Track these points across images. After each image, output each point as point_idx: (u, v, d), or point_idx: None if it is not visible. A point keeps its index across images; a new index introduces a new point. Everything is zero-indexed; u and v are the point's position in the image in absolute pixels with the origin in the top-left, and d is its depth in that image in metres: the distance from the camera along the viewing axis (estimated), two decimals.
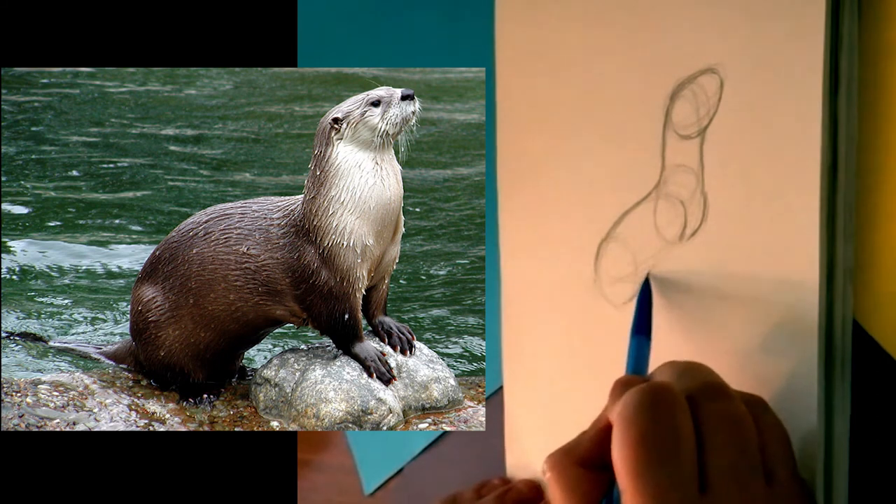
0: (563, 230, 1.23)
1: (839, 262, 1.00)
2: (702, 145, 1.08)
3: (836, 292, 1.00)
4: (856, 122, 0.99)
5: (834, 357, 1.01)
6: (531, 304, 1.28)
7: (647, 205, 1.14)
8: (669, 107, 1.11)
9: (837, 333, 1.00)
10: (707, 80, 1.07)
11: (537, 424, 1.29)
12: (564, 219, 1.23)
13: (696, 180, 1.09)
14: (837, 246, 1.00)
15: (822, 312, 1.00)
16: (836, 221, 0.99)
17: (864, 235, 1.00)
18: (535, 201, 1.26)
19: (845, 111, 0.99)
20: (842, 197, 0.99)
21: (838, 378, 1.01)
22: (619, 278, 1.17)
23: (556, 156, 1.23)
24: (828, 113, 0.98)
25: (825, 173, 0.99)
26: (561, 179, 1.23)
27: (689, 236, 1.10)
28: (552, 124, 1.23)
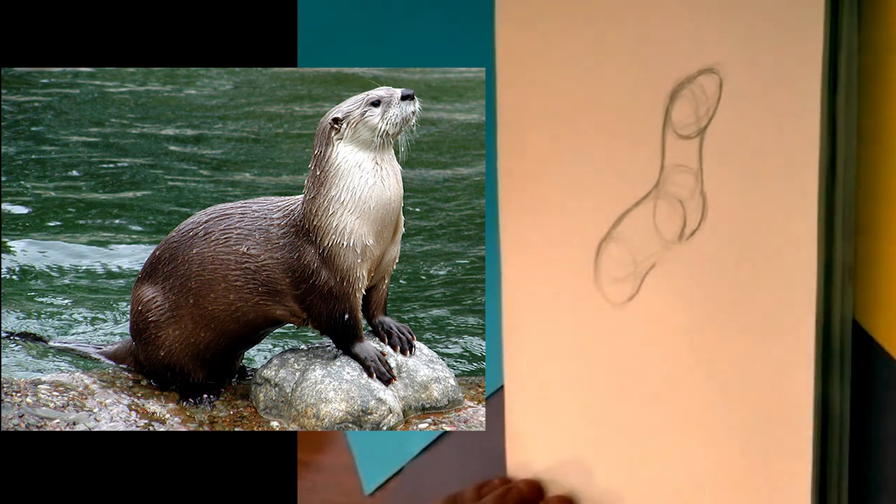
0: (563, 230, 1.23)
1: (838, 261, 1.00)
2: (701, 145, 1.08)
3: (835, 291, 1.00)
4: (855, 122, 0.99)
5: (832, 356, 1.01)
6: (531, 304, 1.28)
7: (646, 204, 1.14)
8: (669, 106, 1.11)
9: (836, 333, 1.00)
10: (707, 80, 1.07)
11: (537, 424, 1.29)
12: (564, 219, 1.23)
13: (695, 180, 1.09)
14: (836, 245, 1.00)
15: (819, 311, 1.00)
16: (835, 221, 1.00)
17: (864, 235, 1.00)
18: (535, 201, 1.26)
19: (844, 111, 0.99)
20: (840, 196, 0.99)
21: (836, 377, 1.01)
22: (619, 278, 1.17)
23: (556, 155, 1.23)
24: (827, 113, 0.99)
25: (824, 173, 0.99)
26: (561, 179, 1.23)
27: (689, 236, 1.10)
28: (552, 124, 1.23)
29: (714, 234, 1.08)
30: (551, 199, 1.24)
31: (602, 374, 1.20)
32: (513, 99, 1.28)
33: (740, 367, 1.06)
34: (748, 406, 1.06)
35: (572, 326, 1.23)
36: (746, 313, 1.05)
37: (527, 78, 1.26)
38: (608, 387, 1.20)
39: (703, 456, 1.11)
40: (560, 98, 1.22)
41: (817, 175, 0.99)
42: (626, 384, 1.17)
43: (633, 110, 1.14)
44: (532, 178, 1.26)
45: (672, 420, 1.13)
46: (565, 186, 1.22)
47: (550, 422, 1.27)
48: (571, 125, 1.21)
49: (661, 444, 1.14)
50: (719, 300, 1.08)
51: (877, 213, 0.99)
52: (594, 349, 1.21)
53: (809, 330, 1.00)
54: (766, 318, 1.04)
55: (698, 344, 1.10)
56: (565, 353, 1.24)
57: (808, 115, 0.99)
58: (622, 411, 1.18)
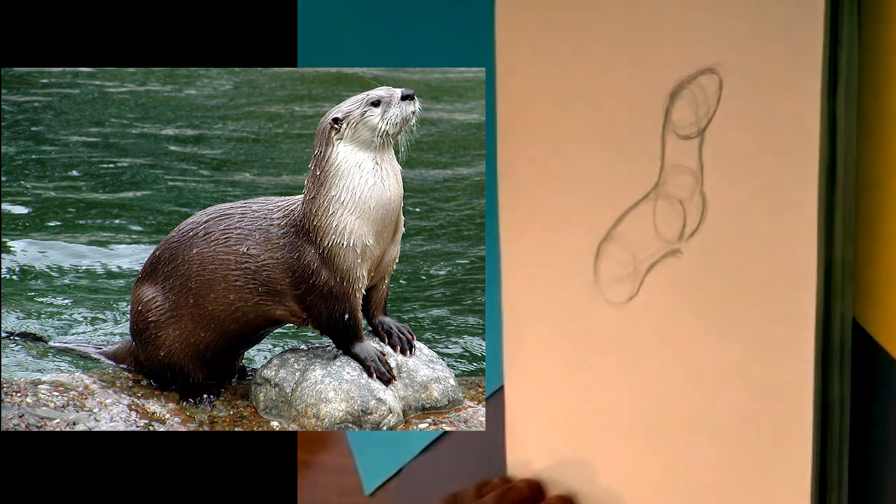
0: (563, 230, 1.23)
1: (837, 261, 1.00)
2: (701, 145, 1.08)
3: (835, 291, 1.00)
4: (854, 122, 0.99)
5: (832, 356, 1.01)
6: (531, 304, 1.28)
7: (646, 205, 1.14)
8: (669, 107, 1.11)
9: (836, 332, 1.00)
10: (707, 80, 1.07)
11: (537, 424, 1.29)
12: (564, 219, 1.23)
13: (695, 180, 1.09)
14: (836, 245, 1.00)
15: (819, 311, 1.00)
16: (835, 220, 1.00)
17: (864, 235, 1.00)
18: (534, 201, 1.26)
19: (844, 111, 0.99)
20: (840, 196, 0.99)
21: (836, 377, 1.01)
22: (618, 278, 1.17)
23: (556, 156, 1.23)
24: (826, 113, 0.99)
25: (824, 172, 0.99)
26: (561, 179, 1.23)
27: (689, 236, 1.10)
28: (552, 124, 1.23)
29: (714, 234, 1.08)
30: (551, 200, 1.24)
31: (602, 373, 1.20)
32: (513, 99, 1.28)
33: (740, 367, 1.06)
34: (748, 406, 1.06)
35: (572, 326, 1.23)
36: (746, 313, 1.05)
37: (527, 78, 1.26)
38: (608, 387, 1.20)
39: (704, 455, 1.11)
40: (560, 98, 1.22)
41: (817, 175, 0.99)
42: (626, 384, 1.17)
43: (633, 110, 1.14)
44: (532, 178, 1.26)
45: (672, 420, 1.13)
46: (565, 186, 1.22)
47: (550, 422, 1.27)
48: (571, 125, 1.21)
49: (661, 444, 1.14)
50: (719, 300, 1.08)
51: (877, 213, 0.99)
52: (594, 349, 1.21)
53: (809, 330, 1.00)
54: (767, 318, 1.04)
55: (698, 344, 1.10)
56: (565, 353, 1.24)
57: (808, 115, 0.99)
58: (622, 411, 1.18)
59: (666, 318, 1.13)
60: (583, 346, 1.22)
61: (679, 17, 1.09)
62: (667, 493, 1.14)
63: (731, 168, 1.06)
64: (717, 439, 1.09)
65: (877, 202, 0.99)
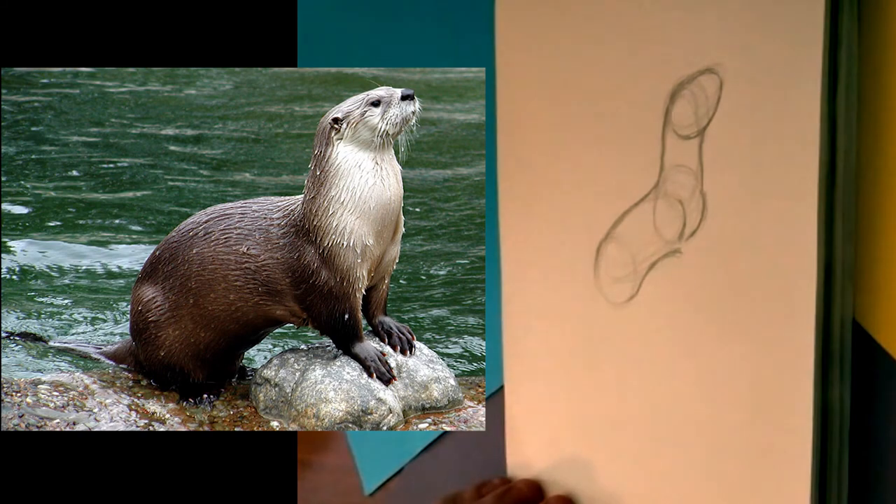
0: (563, 230, 1.23)
1: (837, 261, 1.00)
2: (701, 145, 1.08)
3: (835, 292, 1.00)
4: (854, 123, 0.99)
5: (832, 356, 1.01)
6: (531, 304, 1.28)
7: (646, 205, 1.14)
8: (669, 107, 1.11)
9: (836, 333, 1.00)
10: (707, 80, 1.07)
11: (537, 424, 1.29)
12: (564, 218, 1.23)
13: (695, 180, 1.09)
14: (836, 245, 1.00)
15: (819, 312, 1.00)
16: (835, 221, 1.00)
17: (864, 235, 1.00)
18: (535, 201, 1.26)
19: (844, 111, 0.99)
20: (840, 196, 0.99)
21: (836, 377, 1.01)
22: (618, 278, 1.17)
23: (556, 156, 1.23)
24: (826, 113, 0.99)
25: (823, 173, 0.99)
26: (561, 179, 1.23)
27: (689, 236, 1.10)
28: (552, 124, 1.23)
29: (714, 234, 1.08)
30: (551, 200, 1.24)
31: (602, 374, 1.20)
32: (513, 99, 1.28)
33: (740, 367, 1.06)
34: (748, 406, 1.06)
35: (572, 326, 1.23)
36: (746, 313, 1.05)
37: (527, 78, 1.26)
38: (608, 387, 1.20)
39: (703, 456, 1.11)
40: (560, 98, 1.22)
41: (817, 175, 0.99)
42: (626, 384, 1.17)
43: (634, 110, 1.14)
44: (532, 178, 1.26)
45: (672, 420, 1.13)
46: (565, 187, 1.22)
47: (550, 422, 1.27)
48: (571, 125, 1.21)
49: (661, 444, 1.14)
50: (719, 300, 1.08)
51: (877, 213, 0.99)
52: (594, 349, 1.21)
53: (809, 330, 1.00)
54: (767, 318, 1.04)
55: (698, 344, 1.10)
56: (565, 353, 1.24)
57: (808, 115, 0.99)
58: (622, 411, 1.18)
59: (666, 318, 1.13)
60: (583, 346, 1.22)
61: (679, 17, 1.09)
62: (667, 493, 1.14)
63: (731, 168, 1.06)
64: (717, 439, 1.09)
65: (877, 202, 0.99)
